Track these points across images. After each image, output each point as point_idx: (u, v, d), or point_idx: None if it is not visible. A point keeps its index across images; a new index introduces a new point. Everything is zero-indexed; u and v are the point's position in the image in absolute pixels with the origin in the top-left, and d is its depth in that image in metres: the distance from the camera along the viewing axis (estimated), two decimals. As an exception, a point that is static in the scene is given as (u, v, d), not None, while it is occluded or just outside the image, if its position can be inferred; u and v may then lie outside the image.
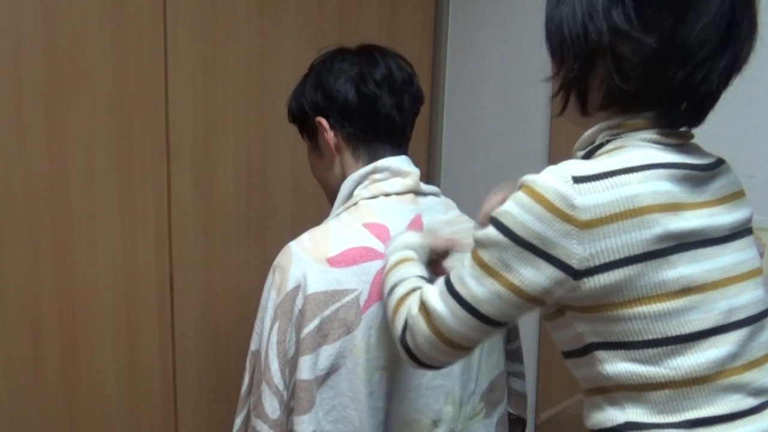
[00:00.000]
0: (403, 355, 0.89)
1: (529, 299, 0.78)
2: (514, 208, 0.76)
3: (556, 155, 1.62)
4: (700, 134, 0.91)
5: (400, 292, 0.92)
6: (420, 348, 0.86)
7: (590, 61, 0.81)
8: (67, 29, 1.26)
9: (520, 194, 0.76)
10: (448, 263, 1.05)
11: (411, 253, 1.00)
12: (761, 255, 1.49)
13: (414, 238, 1.03)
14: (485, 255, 0.79)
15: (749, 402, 0.77)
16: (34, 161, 1.26)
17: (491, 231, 0.78)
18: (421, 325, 0.85)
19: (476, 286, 0.80)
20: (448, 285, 0.83)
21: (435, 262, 1.04)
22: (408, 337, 0.87)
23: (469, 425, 1.15)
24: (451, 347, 0.85)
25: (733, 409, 0.76)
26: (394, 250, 1.01)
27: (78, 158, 1.31)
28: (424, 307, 0.85)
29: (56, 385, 1.33)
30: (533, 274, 0.76)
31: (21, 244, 1.26)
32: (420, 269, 0.97)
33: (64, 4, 1.26)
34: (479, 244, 0.80)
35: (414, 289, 0.90)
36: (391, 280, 0.96)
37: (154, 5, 1.37)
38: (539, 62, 0.91)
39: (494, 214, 0.79)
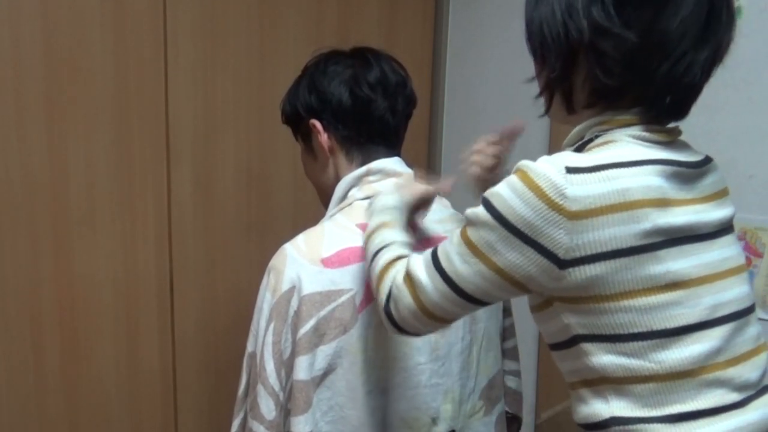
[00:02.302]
0: (385, 322, 0.90)
1: (513, 282, 0.79)
2: (506, 191, 0.77)
3: (556, 155, 1.62)
4: (700, 135, 0.91)
5: (384, 258, 0.92)
6: (402, 316, 0.87)
7: (572, 59, 0.82)
8: (67, 29, 1.27)
9: (513, 178, 0.77)
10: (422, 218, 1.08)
11: (390, 217, 0.99)
12: (761, 255, 1.49)
13: (391, 199, 1.02)
14: (473, 234, 0.80)
15: (733, 397, 0.78)
16: (34, 161, 1.26)
17: (481, 211, 0.79)
18: (405, 295, 0.86)
19: (461, 264, 0.81)
20: (435, 259, 0.84)
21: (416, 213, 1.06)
22: (392, 305, 0.88)
23: (468, 423, 1.16)
24: (432, 319, 0.86)
25: (716, 404, 0.77)
26: (372, 213, 1.01)
27: (78, 158, 1.31)
28: (409, 278, 0.86)
29: (56, 385, 1.33)
30: (518, 259, 0.77)
31: (21, 244, 1.26)
32: (401, 234, 0.97)
33: (64, 4, 1.26)
34: (468, 222, 0.81)
35: (399, 257, 0.91)
36: (373, 246, 0.96)
37: (154, 5, 1.37)
38: (539, 62, 0.91)
39: (486, 194, 0.79)
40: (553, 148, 1.76)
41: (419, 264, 0.86)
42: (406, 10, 1.86)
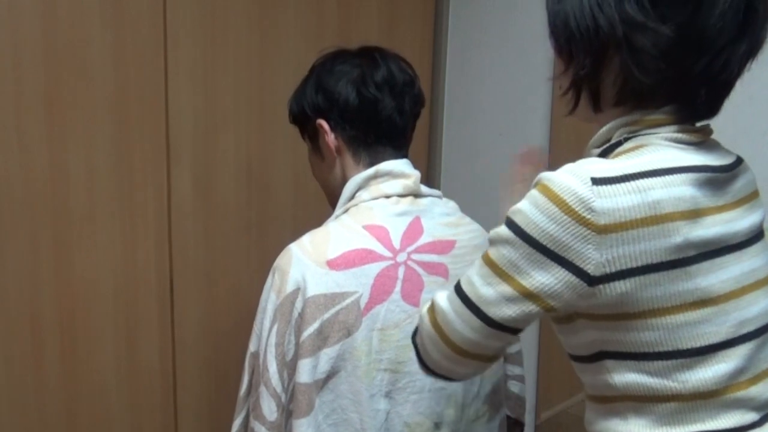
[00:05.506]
0: (416, 357, 0.88)
1: (538, 303, 0.75)
2: (528, 208, 0.73)
3: (556, 155, 1.62)
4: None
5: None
6: (426, 350, 0.84)
7: (602, 55, 0.77)
8: (67, 29, 1.26)
9: (535, 193, 0.74)
10: None
11: None
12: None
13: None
14: (495, 254, 0.76)
15: (752, 416, 0.76)
16: (34, 161, 1.26)
17: (503, 230, 0.76)
18: (426, 323, 0.83)
19: (483, 286, 0.77)
20: (457, 286, 0.81)
21: None
22: (417, 338, 0.85)
23: (471, 428, 1.15)
24: (456, 353, 0.81)
25: (736, 424, 0.75)
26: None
27: (78, 158, 1.31)
28: (431, 307, 0.83)
29: (56, 385, 1.33)
30: (544, 277, 0.73)
31: (21, 244, 1.26)
32: None
33: (64, 4, 1.25)
34: (490, 242, 0.78)
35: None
36: None
37: (154, 5, 1.37)
38: (540, 62, 0.91)
39: (508, 212, 0.76)
40: (553, 148, 1.76)
41: (443, 294, 0.83)
42: (406, 10, 1.86)
